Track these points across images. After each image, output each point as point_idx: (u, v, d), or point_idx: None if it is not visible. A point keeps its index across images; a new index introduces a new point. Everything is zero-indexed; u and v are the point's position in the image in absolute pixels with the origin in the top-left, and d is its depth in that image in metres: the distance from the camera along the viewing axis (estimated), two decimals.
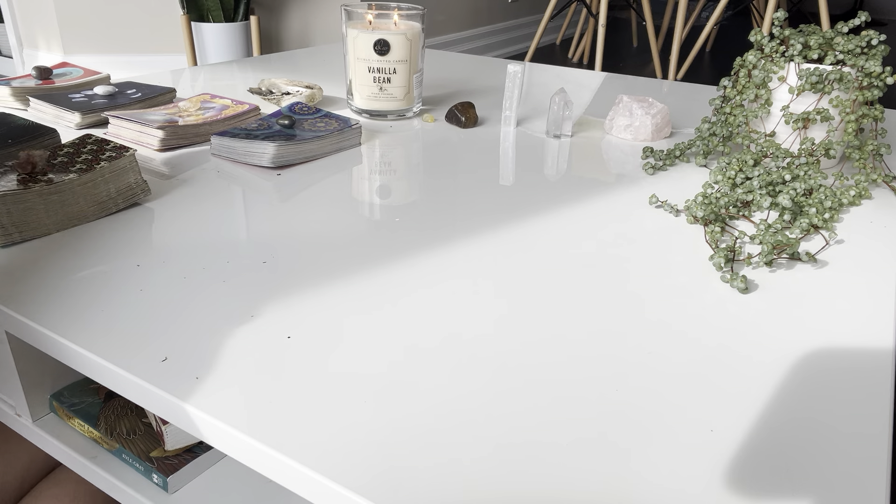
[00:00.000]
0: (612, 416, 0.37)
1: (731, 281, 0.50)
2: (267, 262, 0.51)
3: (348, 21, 0.86)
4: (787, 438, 0.36)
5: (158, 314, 0.44)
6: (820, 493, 0.32)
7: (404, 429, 0.35)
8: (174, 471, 0.47)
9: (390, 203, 0.63)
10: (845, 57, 0.70)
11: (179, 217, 0.58)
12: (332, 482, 0.32)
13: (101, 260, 0.51)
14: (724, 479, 0.33)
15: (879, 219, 0.64)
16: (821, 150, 0.70)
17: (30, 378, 0.51)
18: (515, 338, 0.43)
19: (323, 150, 0.75)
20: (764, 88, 0.73)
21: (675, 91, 1.10)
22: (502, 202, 0.64)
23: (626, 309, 0.47)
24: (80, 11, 2.08)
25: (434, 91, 1.06)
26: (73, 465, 0.51)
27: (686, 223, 0.61)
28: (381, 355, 0.41)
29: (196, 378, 0.38)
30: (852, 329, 0.46)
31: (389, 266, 0.52)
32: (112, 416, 0.51)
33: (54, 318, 0.43)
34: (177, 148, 0.76)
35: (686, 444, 0.35)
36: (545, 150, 0.80)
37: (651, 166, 0.74)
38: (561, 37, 3.61)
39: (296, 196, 0.64)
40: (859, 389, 0.40)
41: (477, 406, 0.37)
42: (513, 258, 0.53)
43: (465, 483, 0.32)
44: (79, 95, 0.85)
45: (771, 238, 0.53)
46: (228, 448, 0.36)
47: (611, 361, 0.41)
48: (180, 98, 0.91)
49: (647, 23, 2.70)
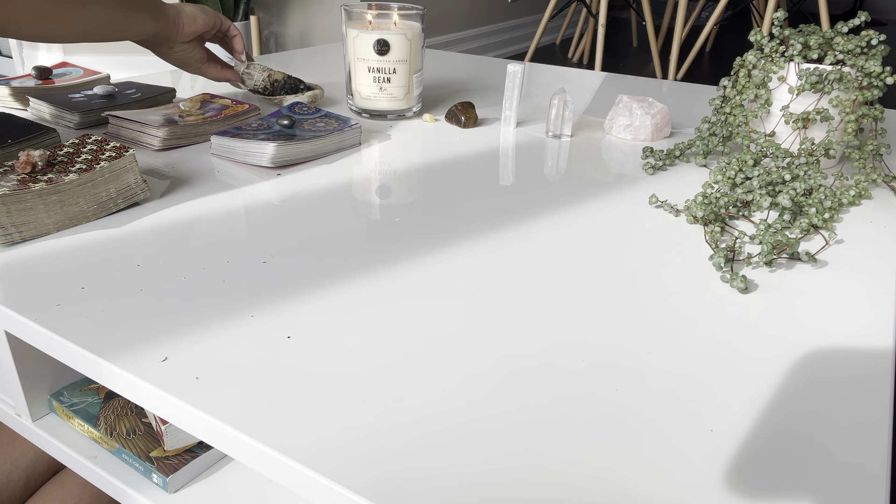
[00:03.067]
0: (611, 416, 0.37)
1: (731, 281, 0.50)
2: (267, 262, 0.51)
3: (348, 21, 0.86)
4: (786, 438, 0.36)
5: (158, 314, 0.44)
6: (820, 493, 0.32)
7: (405, 429, 0.35)
8: (174, 471, 0.47)
9: (390, 203, 0.63)
10: (845, 57, 0.70)
11: (179, 217, 0.58)
12: (332, 482, 0.32)
13: (101, 260, 0.51)
14: (723, 479, 0.33)
15: (879, 219, 0.64)
16: (821, 150, 0.70)
17: (30, 378, 0.51)
18: (515, 338, 0.43)
19: (323, 150, 0.75)
20: (764, 88, 0.73)
21: (675, 91, 1.10)
22: (502, 202, 0.64)
23: (626, 309, 0.47)
24: None
25: (434, 91, 1.06)
26: (73, 465, 0.51)
27: (686, 223, 0.61)
28: (382, 355, 0.41)
29: (196, 378, 0.38)
30: (852, 329, 0.46)
31: (389, 266, 0.52)
32: (112, 416, 0.51)
33: (54, 318, 0.43)
34: (177, 148, 0.76)
35: (686, 444, 0.35)
36: (545, 150, 0.80)
37: (651, 166, 0.74)
38: (561, 37, 3.61)
39: (296, 196, 0.64)
40: (859, 389, 0.40)
41: (477, 406, 0.37)
42: (512, 258, 0.53)
43: (465, 483, 0.32)
44: (78, 95, 0.85)
45: (771, 238, 0.53)
46: (228, 448, 0.36)
47: (610, 361, 0.41)
48: (180, 98, 0.91)
49: (647, 23, 2.70)
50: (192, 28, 0.79)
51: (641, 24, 3.84)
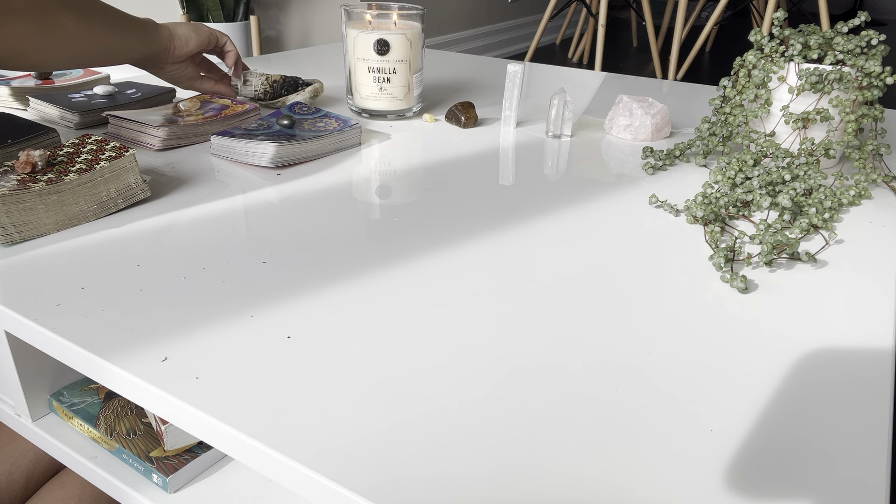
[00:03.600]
0: (611, 416, 0.37)
1: (731, 281, 0.50)
2: (267, 262, 0.51)
3: (348, 21, 0.86)
4: (787, 438, 0.36)
5: (158, 314, 0.44)
6: (820, 494, 0.32)
7: (405, 429, 0.35)
8: (174, 471, 0.47)
9: (390, 203, 0.63)
10: (845, 57, 0.70)
11: (179, 217, 0.59)
12: (332, 482, 0.32)
13: (101, 260, 0.51)
14: (723, 480, 0.33)
15: (879, 219, 0.64)
16: (820, 150, 0.70)
17: (30, 378, 0.51)
18: (515, 338, 0.43)
19: (323, 150, 0.75)
20: (764, 88, 0.73)
21: (675, 91, 1.10)
22: (502, 202, 0.64)
23: (626, 309, 0.47)
24: None
25: (434, 91, 1.06)
26: (73, 465, 0.51)
27: (686, 223, 0.61)
28: (381, 355, 0.41)
29: (196, 378, 0.38)
30: (852, 329, 0.46)
31: (389, 266, 0.52)
32: (112, 416, 0.51)
33: (54, 318, 0.43)
34: (177, 148, 0.76)
35: (686, 444, 0.35)
36: (545, 150, 0.80)
37: (651, 166, 0.74)
38: (561, 37, 3.61)
39: (296, 196, 0.64)
40: (859, 389, 0.40)
41: (478, 406, 0.37)
42: (512, 258, 0.53)
43: (465, 483, 0.32)
44: (78, 95, 0.85)
45: (771, 238, 0.53)
46: (228, 448, 0.36)
47: (610, 361, 0.41)
48: (180, 98, 0.91)
49: (647, 23, 2.70)
50: (184, 50, 0.78)
51: (641, 24, 3.84)
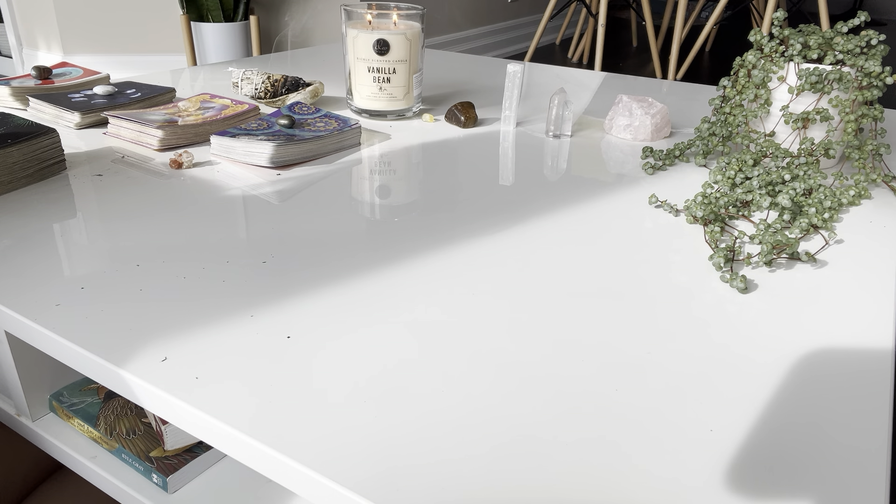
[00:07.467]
0: (611, 416, 0.37)
1: (731, 281, 0.50)
2: (267, 262, 0.51)
3: (348, 21, 0.86)
4: (786, 438, 0.36)
5: (158, 314, 0.44)
6: (820, 493, 0.32)
7: (404, 428, 0.35)
8: (174, 471, 0.47)
9: (390, 203, 0.63)
10: (845, 57, 0.70)
11: (179, 217, 0.59)
12: (332, 482, 0.32)
13: (101, 260, 0.51)
14: (723, 479, 0.33)
15: (879, 219, 0.64)
16: (820, 150, 0.70)
17: (29, 378, 0.51)
18: (515, 337, 0.43)
19: (322, 150, 0.75)
20: (763, 88, 0.73)
21: (675, 91, 1.10)
22: (502, 202, 0.64)
23: (626, 308, 0.47)
24: (79, 11, 2.08)
25: (434, 91, 1.06)
26: (73, 464, 0.51)
27: (686, 223, 0.61)
28: (381, 355, 0.41)
29: (196, 378, 0.38)
30: (852, 329, 0.46)
31: (389, 266, 0.52)
32: (112, 416, 0.51)
33: (54, 318, 0.43)
34: (176, 148, 0.76)
35: (685, 443, 0.35)
36: (545, 150, 0.80)
37: (651, 166, 0.74)
38: (561, 37, 3.61)
39: (295, 196, 0.64)
40: (859, 389, 0.40)
41: (476, 405, 0.37)
42: (512, 258, 0.53)
43: (464, 482, 0.32)
44: (78, 95, 0.85)
45: (770, 238, 0.53)
46: (228, 448, 0.36)
47: (610, 361, 0.41)
48: (180, 98, 0.91)
49: (647, 23, 2.71)
50: None
51: (641, 24, 3.84)
